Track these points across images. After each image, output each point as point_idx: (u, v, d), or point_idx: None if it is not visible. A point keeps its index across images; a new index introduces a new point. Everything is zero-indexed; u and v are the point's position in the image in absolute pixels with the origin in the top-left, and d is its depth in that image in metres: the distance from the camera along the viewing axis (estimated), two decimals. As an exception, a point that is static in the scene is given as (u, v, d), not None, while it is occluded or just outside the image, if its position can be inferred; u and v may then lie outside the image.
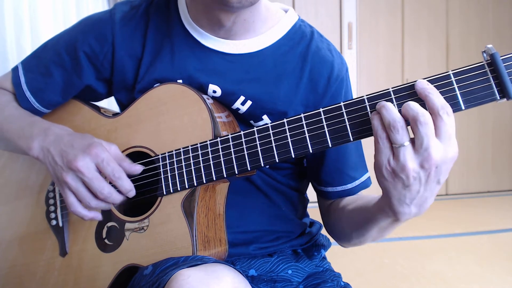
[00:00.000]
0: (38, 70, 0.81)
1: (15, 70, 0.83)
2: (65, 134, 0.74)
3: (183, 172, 0.69)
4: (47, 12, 1.58)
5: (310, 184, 0.91)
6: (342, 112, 0.58)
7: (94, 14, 0.82)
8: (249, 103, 0.75)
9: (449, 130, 0.51)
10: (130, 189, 0.71)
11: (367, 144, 0.87)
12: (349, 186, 0.81)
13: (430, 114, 0.51)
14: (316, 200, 0.89)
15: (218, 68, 0.75)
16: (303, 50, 0.78)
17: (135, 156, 0.75)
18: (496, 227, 2.55)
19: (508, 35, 3.47)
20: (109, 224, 0.74)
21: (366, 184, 0.83)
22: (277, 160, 0.62)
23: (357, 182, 0.81)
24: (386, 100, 0.56)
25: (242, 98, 0.75)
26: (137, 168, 0.72)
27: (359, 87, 3.31)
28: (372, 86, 3.38)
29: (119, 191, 0.71)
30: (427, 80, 0.54)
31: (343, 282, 0.81)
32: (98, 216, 0.73)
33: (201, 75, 0.75)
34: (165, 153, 0.71)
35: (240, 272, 0.61)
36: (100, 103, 0.89)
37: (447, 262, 2.02)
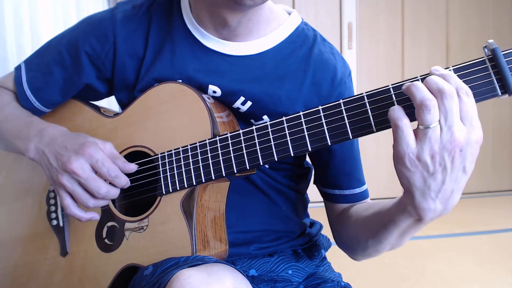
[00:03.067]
0: (40, 69, 0.81)
1: (18, 69, 0.83)
2: (59, 135, 0.73)
3: (182, 171, 0.69)
4: (47, 12, 1.58)
5: (310, 185, 0.91)
6: (341, 110, 0.58)
7: (96, 13, 0.82)
8: (249, 103, 0.75)
9: (470, 111, 0.49)
10: (125, 184, 0.71)
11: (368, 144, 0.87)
12: (358, 190, 0.80)
13: None
14: (316, 200, 0.88)
15: (218, 69, 0.75)
16: (305, 53, 0.77)
17: (135, 155, 0.75)
18: (496, 227, 2.55)
19: (508, 35, 3.47)
20: (109, 224, 0.74)
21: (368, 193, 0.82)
22: (276, 159, 0.62)
23: (364, 187, 0.81)
24: (386, 97, 0.56)
25: (242, 98, 0.75)
26: (132, 167, 0.71)
27: (359, 87, 3.30)
28: (372, 86, 3.34)
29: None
30: (428, 77, 0.54)
31: (343, 282, 0.81)
32: (95, 216, 0.72)
33: (200, 76, 0.75)
34: (164, 153, 0.71)
35: (240, 272, 0.61)
36: (101, 103, 0.88)
37: (447, 262, 2.01)
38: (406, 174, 0.52)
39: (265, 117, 0.76)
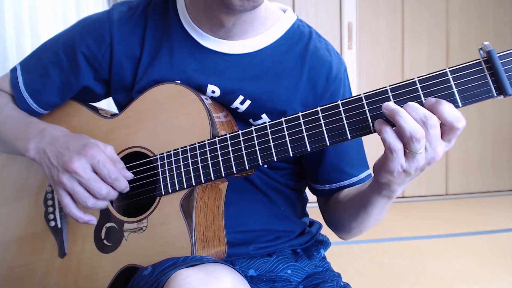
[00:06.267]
0: (36, 71, 0.81)
1: (13, 71, 0.83)
2: (61, 135, 0.74)
3: (181, 172, 0.69)
4: (47, 12, 1.58)
5: (309, 184, 0.91)
6: (340, 111, 0.59)
7: (92, 14, 0.82)
8: (248, 102, 0.75)
9: (439, 133, 0.54)
10: (125, 187, 0.72)
11: (368, 143, 0.87)
12: (346, 182, 0.81)
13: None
14: (315, 200, 0.89)
15: (217, 68, 0.75)
16: (301, 50, 0.78)
17: (133, 156, 0.75)
18: (496, 227, 2.54)
19: (508, 35, 3.46)
20: (108, 224, 0.74)
21: (363, 181, 0.82)
22: (275, 159, 0.63)
23: (354, 179, 0.81)
24: (383, 98, 0.56)
25: (241, 97, 0.75)
26: (128, 175, 0.72)
27: (359, 87, 3.30)
28: (372, 86, 3.35)
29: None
30: (424, 78, 0.54)
31: (343, 282, 0.81)
32: (93, 220, 0.73)
33: (199, 76, 0.75)
34: (163, 153, 0.71)
35: (239, 272, 0.61)
36: (99, 104, 0.88)
37: (447, 262, 2.01)
38: (389, 178, 0.59)
39: (264, 116, 0.76)
